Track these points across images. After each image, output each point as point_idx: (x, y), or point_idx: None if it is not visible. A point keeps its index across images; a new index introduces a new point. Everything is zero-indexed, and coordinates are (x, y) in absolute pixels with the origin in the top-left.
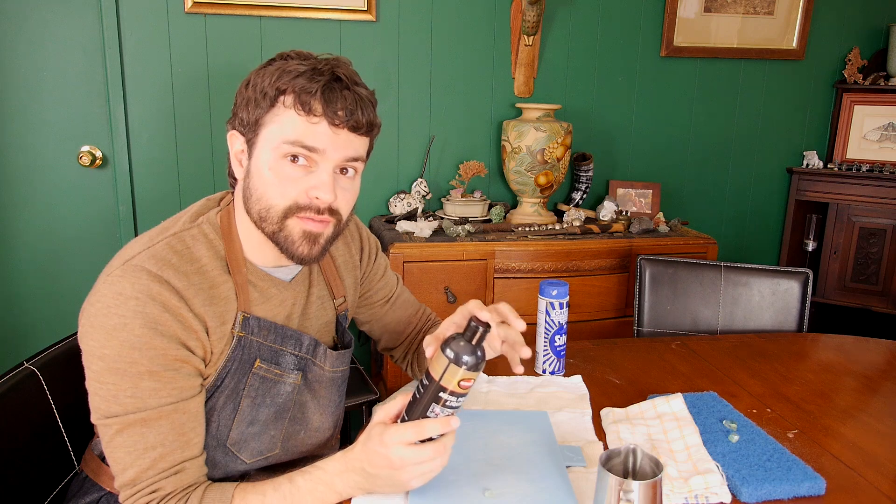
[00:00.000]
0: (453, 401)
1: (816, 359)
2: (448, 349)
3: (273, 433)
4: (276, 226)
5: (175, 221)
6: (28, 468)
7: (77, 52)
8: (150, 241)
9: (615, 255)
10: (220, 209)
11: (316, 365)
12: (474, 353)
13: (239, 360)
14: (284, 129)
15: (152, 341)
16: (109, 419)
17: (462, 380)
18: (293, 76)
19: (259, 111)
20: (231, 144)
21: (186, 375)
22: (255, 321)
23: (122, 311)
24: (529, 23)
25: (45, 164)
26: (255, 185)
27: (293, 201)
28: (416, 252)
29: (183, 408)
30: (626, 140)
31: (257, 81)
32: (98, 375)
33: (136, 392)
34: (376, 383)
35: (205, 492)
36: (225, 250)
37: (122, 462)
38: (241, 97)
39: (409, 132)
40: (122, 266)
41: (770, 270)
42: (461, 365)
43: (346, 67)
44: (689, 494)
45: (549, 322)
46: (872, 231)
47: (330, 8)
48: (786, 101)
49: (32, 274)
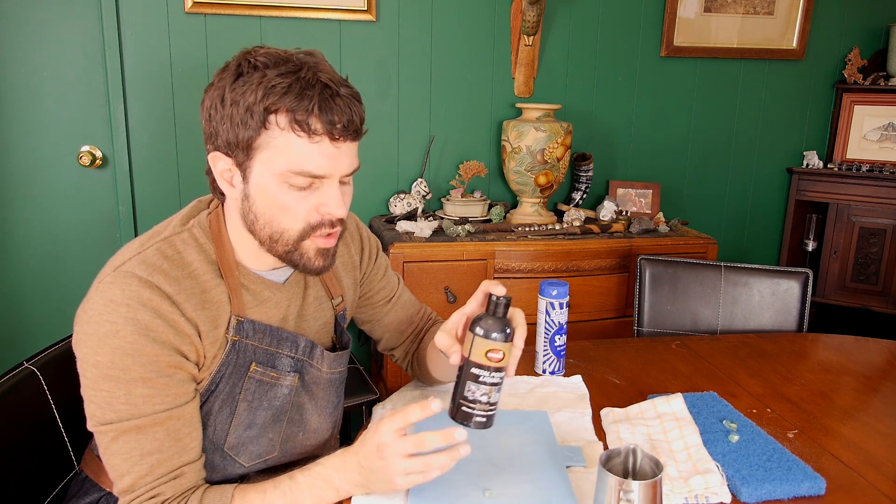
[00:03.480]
0: (487, 376)
1: (816, 359)
2: (473, 326)
3: (271, 436)
4: (290, 247)
5: (166, 225)
6: (28, 468)
7: (77, 52)
8: (141, 247)
9: (615, 255)
10: (209, 212)
11: (313, 367)
12: (497, 324)
13: (234, 364)
14: (287, 155)
15: (144, 348)
16: (105, 426)
17: (489, 351)
18: (281, 93)
19: (248, 132)
20: (213, 164)
21: (180, 381)
22: (250, 324)
23: (114, 317)
24: (529, 23)
25: (45, 164)
26: (261, 210)
27: (306, 223)
28: (416, 252)
29: (178, 414)
30: (626, 140)
31: (237, 99)
32: (92, 383)
33: (130, 399)
34: (376, 383)
35: (204, 493)
36: (216, 254)
37: (119, 469)
38: (217, 114)
39: (409, 132)
40: (113, 273)
41: (770, 270)
42: (486, 336)
43: (326, 67)
44: (689, 494)
45: (549, 322)
46: (872, 231)
47: (330, 8)
48: (786, 101)
49: (32, 274)
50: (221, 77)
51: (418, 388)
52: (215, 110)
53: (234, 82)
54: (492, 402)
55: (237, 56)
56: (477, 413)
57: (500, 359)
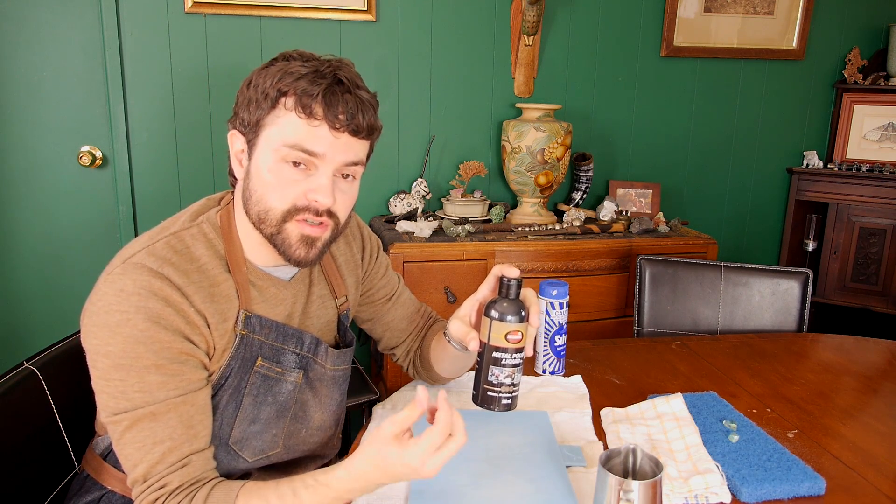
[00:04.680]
0: (508, 358)
1: (816, 359)
2: (488, 311)
3: (275, 431)
4: (274, 228)
5: (175, 221)
6: (28, 468)
7: (77, 52)
8: (150, 240)
9: (615, 255)
10: (220, 208)
11: (317, 363)
12: (512, 305)
13: (241, 358)
14: (285, 131)
15: (156, 335)
16: (118, 415)
17: (508, 333)
18: (295, 78)
19: (260, 112)
20: (231, 144)
21: (193, 368)
22: (257, 319)
23: (125, 306)
24: (529, 23)
25: (45, 164)
26: (255, 186)
27: (292, 204)
28: (416, 252)
29: (191, 399)
30: (626, 140)
31: (259, 82)
32: (104, 373)
33: (144, 386)
34: (376, 383)
35: (211, 491)
36: (225, 249)
37: (132, 458)
38: (243, 97)
39: (409, 132)
40: (123, 264)
41: (770, 270)
42: (503, 319)
43: (349, 70)
44: (689, 494)
45: (549, 322)
46: (872, 231)
47: (330, 8)
48: (786, 101)
49: (32, 274)
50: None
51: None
52: (242, 94)
53: (264, 69)
54: (514, 384)
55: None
56: (503, 395)
57: (518, 340)
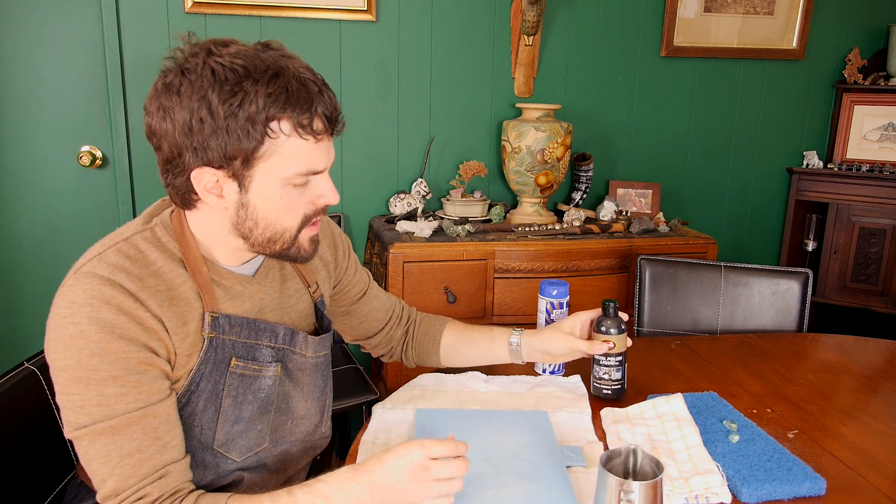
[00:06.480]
0: (604, 360)
1: (816, 359)
2: (599, 329)
3: (259, 428)
4: (289, 243)
5: (128, 226)
6: (28, 468)
7: (77, 52)
8: (102, 248)
9: (615, 255)
10: (173, 209)
11: (296, 353)
12: (614, 322)
13: (213, 361)
14: (296, 160)
15: (111, 345)
16: (80, 430)
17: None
18: (283, 102)
19: (250, 143)
20: (197, 181)
21: (152, 378)
22: (226, 319)
23: (77, 318)
24: (529, 23)
25: (45, 164)
26: (263, 215)
27: (304, 217)
28: (416, 252)
29: (153, 412)
30: (626, 140)
31: (233, 111)
32: (64, 388)
33: (102, 399)
34: (376, 383)
35: (197, 500)
36: (180, 251)
37: (100, 473)
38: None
39: (409, 132)
40: (75, 275)
41: (770, 270)
42: (606, 332)
43: (296, 59)
44: (689, 495)
45: (549, 322)
46: (872, 231)
47: (330, 8)
48: (786, 101)
49: (32, 274)
50: (194, 85)
51: (417, 388)
52: (201, 123)
53: (222, 92)
54: (613, 379)
55: (200, 58)
56: (603, 387)
57: (612, 347)
